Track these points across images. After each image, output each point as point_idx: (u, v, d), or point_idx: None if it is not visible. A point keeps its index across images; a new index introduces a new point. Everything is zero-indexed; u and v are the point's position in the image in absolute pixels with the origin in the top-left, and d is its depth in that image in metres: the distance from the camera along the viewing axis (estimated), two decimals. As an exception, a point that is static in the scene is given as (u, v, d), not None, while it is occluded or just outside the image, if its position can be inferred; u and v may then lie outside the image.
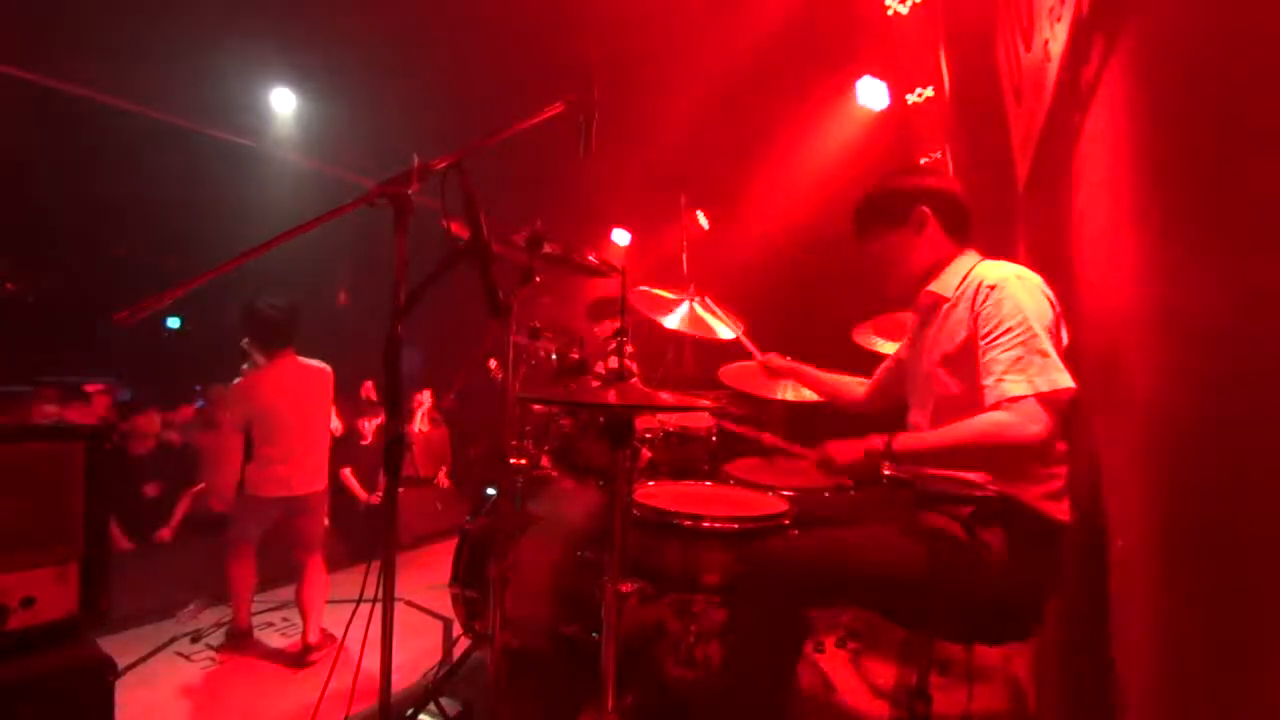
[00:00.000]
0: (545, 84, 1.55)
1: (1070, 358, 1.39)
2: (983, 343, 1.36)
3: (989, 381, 1.32)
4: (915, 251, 1.58)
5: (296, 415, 2.79)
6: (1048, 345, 1.30)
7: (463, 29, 3.67)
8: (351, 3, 3.68)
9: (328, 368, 2.94)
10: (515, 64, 3.57)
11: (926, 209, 1.55)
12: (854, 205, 1.66)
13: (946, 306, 1.52)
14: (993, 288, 1.38)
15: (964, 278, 1.50)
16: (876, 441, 1.45)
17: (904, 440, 1.43)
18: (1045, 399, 1.26)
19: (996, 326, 1.34)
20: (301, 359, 2.86)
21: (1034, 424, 1.26)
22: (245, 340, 2.86)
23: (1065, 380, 1.27)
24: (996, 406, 1.30)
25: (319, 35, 3.93)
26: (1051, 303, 1.38)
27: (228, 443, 4.31)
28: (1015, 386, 1.28)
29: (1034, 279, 1.40)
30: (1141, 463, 1.12)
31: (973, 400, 1.39)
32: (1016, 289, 1.36)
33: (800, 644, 1.54)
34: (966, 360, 1.42)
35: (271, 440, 2.75)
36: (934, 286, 1.55)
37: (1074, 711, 1.55)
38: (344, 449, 4.32)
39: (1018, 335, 1.31)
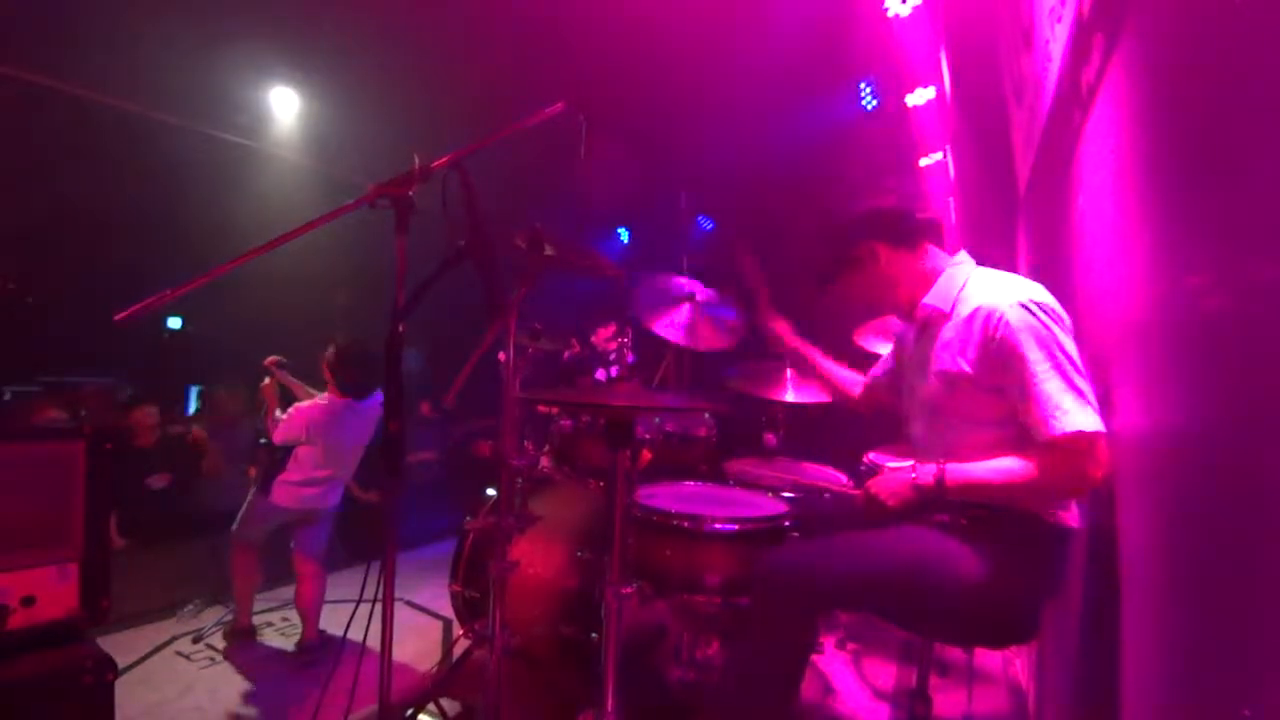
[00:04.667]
0: (546, 85, 1.55)
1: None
2: (1017, 373, 1.29)
3: (1034, 416, 1.27)
4: (885, 281, 1.55)
5: (345, 446, 2.85)
6: (1079, 380, 1.25)
7: (464, 29, 3.67)
8: (353, 2, 3.69)
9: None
10: (516, 65, 3.57)
11: (871, 243, 1.52)
12: (813, 257, 1.65)
13: (945, 323, 1.48)
14: (1014, 316, 1.31)
15: (961, 289, 1.47)
16: (925, 476, 1.39)
17: (955, 474, 1.37)
18: (1092, 438, 1.22)
19: (1026, 357, 1.28)
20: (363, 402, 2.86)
21: (1090, 463, 1.22)
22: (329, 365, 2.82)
23: (1099, 422, 1.22)
24: (1048, 442, 1.25)
25: (320, 35, 3.93)
26: (1063, 321, 1.33)
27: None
28: (1060, 422, 1.23)
29: (1045, 298, 1.34)
30: (1145, 465, 1.12)
31: (975, 420, 1.39)
32: (1030, 317, 1.30)
33: (809, 651, 1.53)
34: (974, 388, 1.39)
35: (314, 464, 2.79)
36: (929, 299, 1.51)
37: (1073, 714, 1.55)
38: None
39: (1051, 367, 1.26)
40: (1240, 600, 0.74)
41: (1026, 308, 1.32)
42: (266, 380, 2.95)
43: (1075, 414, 1.23)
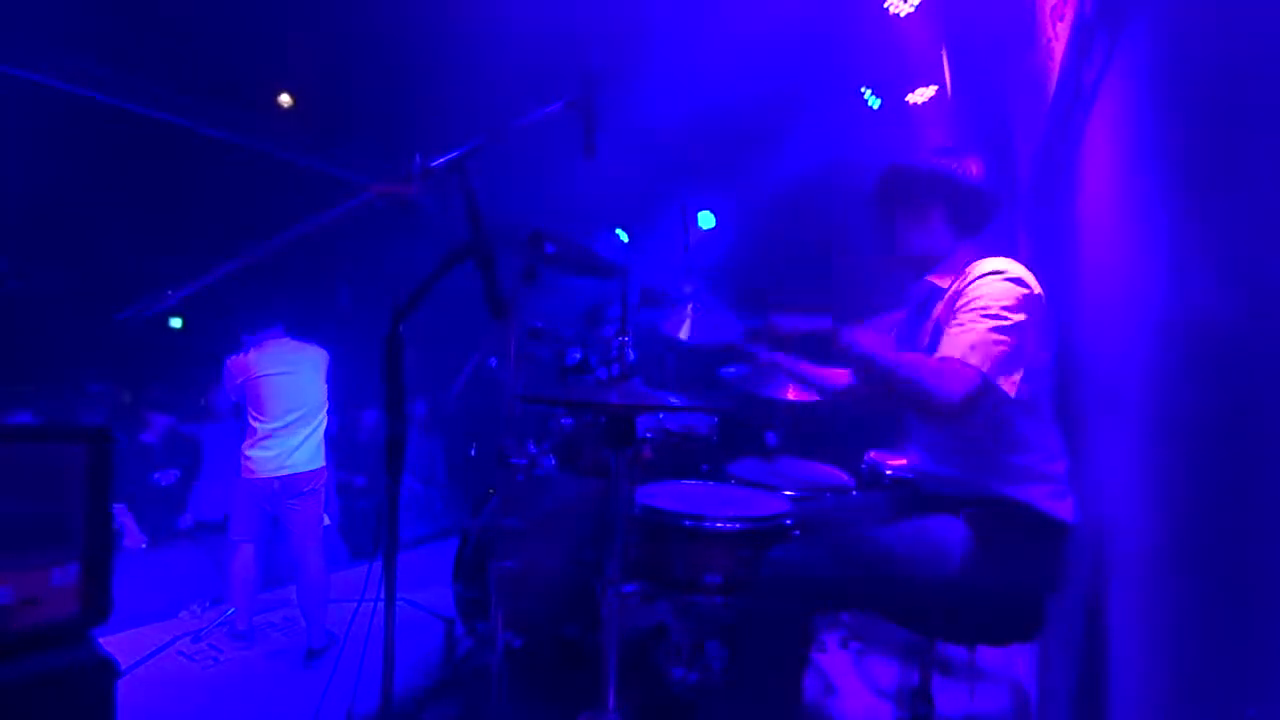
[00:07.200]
0: (548, 84, 1.55)
1: (1071, 358, 1.39)
2: (956, 310, 1.39)
3: (945, 345, 1.36)
4: (919, 237, 1.57)
5: (287, 386, 2.82)
6: (1006, 337, 1.31)
7: (464, 27, 3.67)
8: (353, 2, 3.69)
9: (321, 349, 2.97)
10: (518, 63, 3.57)
11: (939, 203, 1.54)
12: (882, 170, 1.64)
13: (938, 303, 1.52)
14: (980, 276, 1.40)
15: (961, 273, 1.50)
16: (843, 336, 1.44)
17: (861, 339, 1.42)
18: (971, 376, 1.29)
19: (971, 301, 1.37)
20: (292, 339, 2.89)
21: (954, 388, 1.28)
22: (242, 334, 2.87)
23: (986, 370, 1.29)
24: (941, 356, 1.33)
25: (320, 34, 3.93)
26: (1032, 300, 1.37)
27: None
28: (952, 347, 1.32)
29: (1025, 275, 1.40)
30: (1144, 463, 1.11)
31: None
32: (1000, 279, 1.38)
33: (808, 649, 1.53)
34: None
35: (262, 412, 2.78)
36: (934, 274, 1.55)
37: (1076, 713, 1.55)
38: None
39: (983, 314, 1.34)
40: (1246, 599, 0.73)
41: (995, 272, 1.39)
42: None
43: (971, 348, 1.31)
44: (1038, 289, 1.39)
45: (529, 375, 2.34)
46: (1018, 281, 1.37)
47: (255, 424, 2.78)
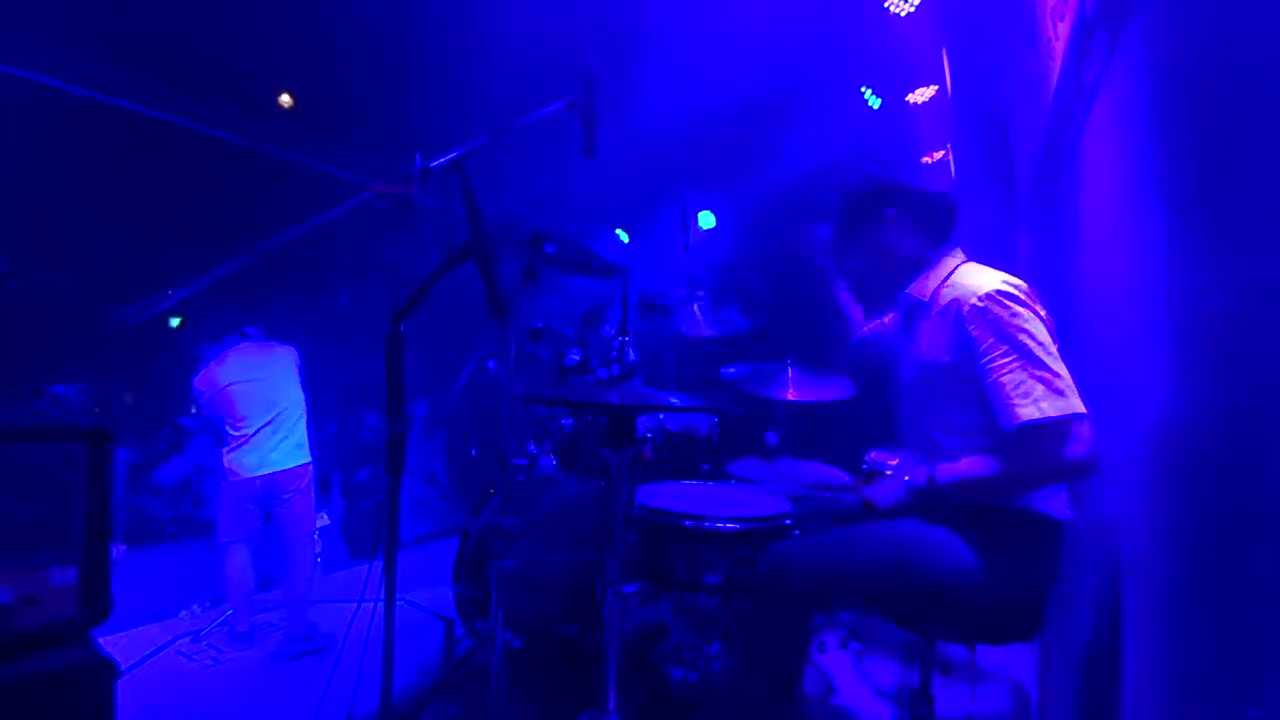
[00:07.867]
0: (548, 84, 1.55)
1: (1071, 357, 1.39)
2: (982, 364, 1.32)
3: (997, 407, 1.30)
4: (886, 252, 1.55)
5: (258, 387, 2.82)
6: (1051, 365, 1.26)
7: (464, 27, 3.67)
8: (353, 1, 3.68)
9: (290, 348, 2.98)
10: (518, 63, 3.57)
11: (893, 210, 1.52)
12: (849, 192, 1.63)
13: (923, 315, 1.50)
14: (981, 306, 1.34)
15: (944, 282, 1.48)
16: (918, 476, 1.42)
17: (946, 472, 1.39)
18: (1059, 423, 1.23)
19: (992, 348, 1.31)
20: (257, 344, 2.90)
21: (1063, 447, 1.23)
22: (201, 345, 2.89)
23: (1074, 405, 1.24)
24: (1012, 430, 1.27)
25: (320, 34, 3.92)
26: (1039, 313, 1.34)
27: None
28: (1025, 410, 1.25)
29: (1011, 288, 1.36)
30: (1145, 462, 1.11)
31: (958, 413, 1.40)
32: (993, 307, 1.32)
33: (806, 645, 1.53)
34: (952, 378, 1.40)
35: (237, 416, 2.78)
36: (911, 289, 1.53)
37: (1076, 713, 1.55)
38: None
39: (1015, 357, 1.28)
40: (1247, 599, 0.73)
41: (990, 298, 1.33)
42: None
43: (1038, 401, 1.24)
44: (1033, 298, 1.36)
45: (529, 375, 2.34)
46: (1023, 301, 1.33)
47: (232, 431, 2.79)
